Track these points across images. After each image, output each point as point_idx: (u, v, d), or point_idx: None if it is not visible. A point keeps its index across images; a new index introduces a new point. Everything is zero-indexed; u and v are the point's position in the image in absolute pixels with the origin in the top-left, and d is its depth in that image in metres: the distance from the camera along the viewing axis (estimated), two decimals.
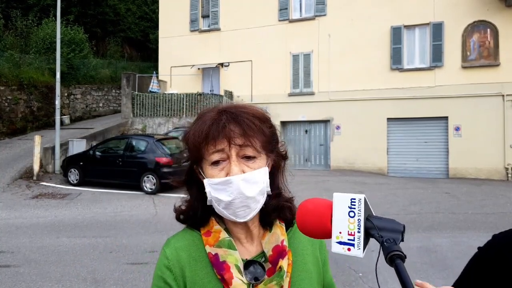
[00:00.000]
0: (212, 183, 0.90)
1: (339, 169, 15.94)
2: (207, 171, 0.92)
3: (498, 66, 14.41)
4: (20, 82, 18.63)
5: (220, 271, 0.89)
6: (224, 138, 0.89)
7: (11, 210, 9.31)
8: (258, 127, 0.92)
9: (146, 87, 18.60)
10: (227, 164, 0.90)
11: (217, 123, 0.90)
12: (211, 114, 0.94)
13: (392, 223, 0.75)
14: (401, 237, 0.73)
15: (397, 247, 0.70)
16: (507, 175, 14.11)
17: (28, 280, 4.91)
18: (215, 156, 0.90)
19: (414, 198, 10.27)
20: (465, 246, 5.96)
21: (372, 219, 0.76)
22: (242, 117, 0.91)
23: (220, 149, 0.89)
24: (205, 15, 19.13)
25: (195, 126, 0.94)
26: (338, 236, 0.76)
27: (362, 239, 0.74)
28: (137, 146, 12.05)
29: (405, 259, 0.69)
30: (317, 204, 0.82)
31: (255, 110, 0.96)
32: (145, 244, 6.43)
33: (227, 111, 0.93)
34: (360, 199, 0.75)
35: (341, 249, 0.76)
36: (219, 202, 0.90)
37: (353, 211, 0.75)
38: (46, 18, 23.17)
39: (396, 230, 0.74)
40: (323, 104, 16.61)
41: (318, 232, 0.80)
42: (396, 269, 0.67)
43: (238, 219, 0.91)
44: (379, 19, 15.77)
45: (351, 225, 0.75)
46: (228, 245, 0.93)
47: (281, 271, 0.92)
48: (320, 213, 0.80)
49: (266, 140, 0.93)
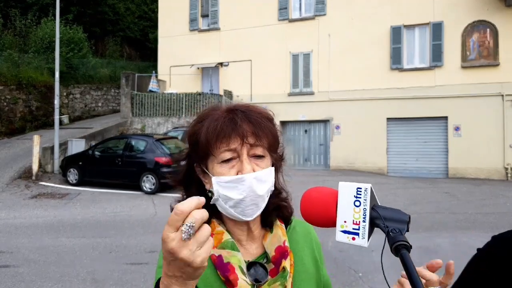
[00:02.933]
0: (221, 181, 0.89)
1: (338, 169, 15.94)
2: (215, 169, 0.91)
3: (498, 66, 14.41)
4: (19, 82, 18.61)
5: (224, 273, 0.89)
6: (237, 136, 0.89)
7: (10, 210, 9.29)
8: (268, 127, 0.93)
9: (146, 87, 18.59)
10: (237, 162, 0.90)
11: (230, 121, 0.90)
12: (220, 113, 0.93)
13: (398, 213, 0.75)
14: (407, 228, 0.73)
15: (403, 237, 0.70)
16: (507, 175, 14.12)
17: (27, 280, 4.90)
18: (226, 155, 0.90)
19: (414, 198, 10.28)
20: (465, 246, 5.95)
21: (377, 208, 0.75)
22: (254, 117, 0.92)
23: (232, 148, 0.89)
24: (205, 15, 19.12)
25: (206, 123, 0.92)
26: (342, 225, 0.76)
27: (367, 229, 0.74)
28: (137, 146, 12.03)
29: (411, 249, 0.68)
30: (322, 193, 0.81)
31: (262, 110, 0.97)
32: (144, 244, 6.41)
33: (238, 110, 0.93)
34: (366, 188, 0.75)
35: (345, 238, 0.75)
36: (228, 200, 0.89)
37: (359, 200, 0.75)
38: (45, 18, 23.14)
39: (401, 221, 0.74)
40: (323, 104, 16.61)
41: (322, 220, 0.80)
42: (402, 259, 0.67)
43: (245, 217, 0.91)
44: (379, 18, 15.77)
45: (356, 214, 0.75)
46: (232, 247, 0.92)
47: (285, 271, 0.92)
48: (325, 202, 0.79)
49: (273, 140, 0.94)
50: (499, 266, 1.00)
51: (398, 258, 0.69)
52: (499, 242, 1.06)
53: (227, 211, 0.92)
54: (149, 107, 17.49)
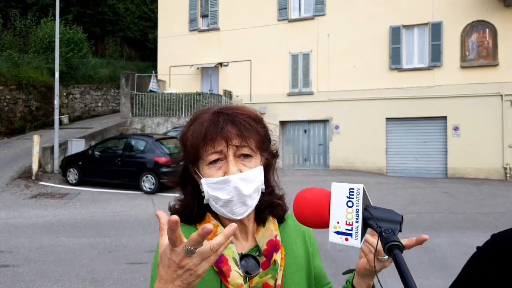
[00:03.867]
0: (209, 182, 0.93)
1: (338, 169, 15.95)
2: (204, 170, 0.95)
3: (497, 66, 14.43)
4: (19, 82, 18.61)
5: (218, 264, 0.91)
6: (222, 139, 0.91)
7: (10, 210, 9.30)
8: (253, 128, 0.95)
9: (145, 87, 18.59)
10: (224, 163, 0.93)
11: (214, 124, 0.93)
12: (207, 116, 0.96)
13: (391, 214, 0.75)
14: (399, 228, 0.73)
15: (395, 237, 0.70)
16: (506, 175, 14.13)
17: (27, 280, 4.91)
18: (213, 156, 0.93)
19: (413, 198, 10.29)
20: (464, 245, 5.96)
21: (370, 209, 0.75)
22: (238, 118, 0.94)
23: (218, 150, 0.92)
24: (204, 15, 19.13)
25: (193, 127, 0.96)
26: (335, 226, 0.76)
27: (360, 229, 0.74)
28: (136, 145, 12.04)
29: (404, 249, 0.69)
30: (315, 194, 0.82)
31: (249, 111, 0.99)
32: (144, 244, 6.43)
33: (223, 113, 0.96)
34: (359, 188, 0.75)
35: (338, 239, 0.76)
36: (217, 201, 0.93)
37: (351, 201, 0.75)
38: (45, 18, 23.15)
39: (394, 221, 0.74)
40: (322, 104, 16.62)
41: (315, 221, 0.80)
42: (394, 259, 0.67)
43: (235, 216, 0.93)
44: (378, 19, 15.78)
45: (349, 215, 0.75)
46: None
47: (276, 264, 0.95)
48: (318, 203, 0.80)
49: (260, 140, 0.97)
50: (499, 265, 1.00)
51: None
52: (499, 241, 1.05)
53: (218, 210, 0.95)
54: (148, 107, 17.50)
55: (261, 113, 1.03)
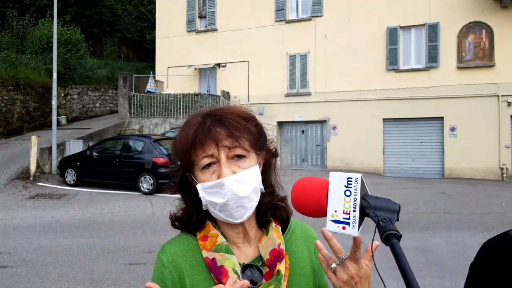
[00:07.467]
0: (205, 187, 0.90)
1: (335, 169, 15.92)
2: (199, 176, 0.92)
3: (493, 67, 14.51)
4: (16, 83, 18.57)
5: (218, 276, 0.89)
6: (212, 142, 0.89)
7: (8, 210, 9.28)
8: (244, 127, 0.92)
9: (143, 88, 18.59)
10: (217, 166, 0.90)
11: (202, 127, 0.90)
12: (196, 119, 0.94)
13: (388, 203, 0.76)
14: (397, 217, 0.73)
15: (393, 226, 0.70)
16: (502, 175, 14.20)
17: (25, 280, 4.91)
18: (205, 161, 0.90)
19: (410, 198, 10.32)
20: (460, 245, 5.98)
21: (368, 198, 0.76)
22: (226, 118, 0.91)
23: (209, 153, 0.89)
24: (202, 16, 19.16)
25: (181, 133, 0.94)
26: (333, 214, 0.76)
27: (357, 218, 0.75)
28: (134, 146, 12.04)
29: (401, 238, 0.69)
30: (313, 183, 0.82)
31: (239, 110, 0.96)
32: (142, 244, 6.43)
33: (211, 114, 0.93)
34: (357, 178, 0.76)
35: (336, 227, 0.76)
36: (214, 205, 0.90)
37: (349, 190, 0.76)
38: (43, 18, 23.12)
39: (391, 210, 0.74)
40: (320, 104, 16.67)
41: (313, 210, 0.80)
42: (392, 248, 0.67)
43: (234, 220, 0.90)
44: (375, 20, 15.85)
45: (346, 204, 0.75)
46: (226, 250, 0.93)
47: (279, 274, 0.92)
48: (316, 192, 0.80)
49: (253, 139, 0.93)
50: (490, 274, 1.00)
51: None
52: (487, 249, 1.06)
53: (217, 215, 0.92)
54: (146, 108, 17.49)
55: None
